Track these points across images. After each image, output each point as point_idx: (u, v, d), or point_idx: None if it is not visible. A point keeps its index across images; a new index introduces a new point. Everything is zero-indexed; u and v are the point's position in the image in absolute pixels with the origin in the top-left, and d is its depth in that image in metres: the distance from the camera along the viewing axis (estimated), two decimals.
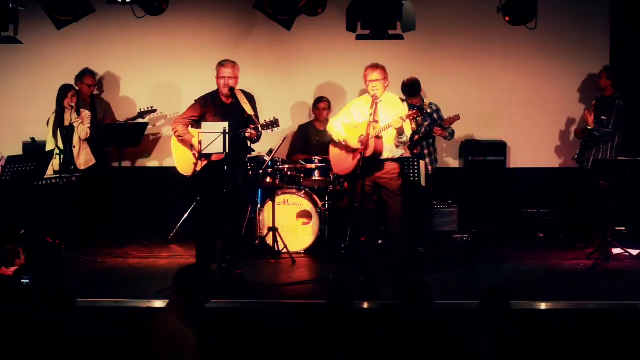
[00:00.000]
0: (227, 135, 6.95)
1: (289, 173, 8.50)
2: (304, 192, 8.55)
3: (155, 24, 8.89)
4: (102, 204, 9.12)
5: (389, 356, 4.95)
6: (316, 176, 8.53)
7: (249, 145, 7.35)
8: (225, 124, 6.99)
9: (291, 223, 8.51)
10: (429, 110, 8.31)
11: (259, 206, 8.57)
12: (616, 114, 8.45)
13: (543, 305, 6.66)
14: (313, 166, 8.51)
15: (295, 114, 9.65)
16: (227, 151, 7.00)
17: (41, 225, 8.47)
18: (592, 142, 8.55)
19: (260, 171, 8.35)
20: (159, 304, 6.39)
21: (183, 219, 9.01)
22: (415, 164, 7.73)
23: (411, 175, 7.69)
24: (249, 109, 7.27)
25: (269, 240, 8.34)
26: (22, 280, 5.69)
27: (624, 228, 8.89)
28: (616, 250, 8.19)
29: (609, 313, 6.54)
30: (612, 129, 8.43)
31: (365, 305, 6.60)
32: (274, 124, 7.26)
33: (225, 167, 7.11)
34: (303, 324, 5.51)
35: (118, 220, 9.08)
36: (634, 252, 8.19)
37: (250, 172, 8.05)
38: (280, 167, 8.47)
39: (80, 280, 6.95)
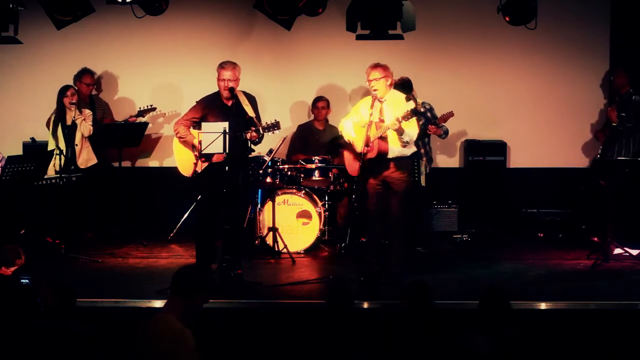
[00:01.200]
0: (227, 136, 6.95)
1: (289, 173, 8.50)
2: (304, 192, 8.54)
3: (155, 24, 8.87)
4: (104, 203, 9.13)
5: (390, 356, 4.96)
6: (316, 176, 8.53)
7: (249, 146, 7.35)
8: (225, 124, 6.99)
9: (291, 223, 8.50)
10: (422, 110, 8.30)
11: (259, 206, 8.57)
12: (634, 109, 8.48)
13: (543, 305, 6.65)
14: (313, 166, 8.51)
15: (295, 114, 9.64)
16: (227, 151, 7.00)
17: (41, 225, 8.48)
18: (615, 139, 8.55)
19: (260, 171, 8.34)
20: (159, 304, 6.37)
21: (183, 219, 9.01)
22: (416, 164, 7.73)
23: (412, 175, 7.69)
24: (250, 111, 7.26)
25: (269, 240, 8.34)
26: (22, 280, 5.68)
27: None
28: (616, 250, 8.19)
29: (609, 313, 6.54)
30: (633, 124, 8.45)
31: (365, 305, 6.60)
32: (276, 126, 7.26)
33: (226, 167, 7.11)
34: (303, 324, 5.51)
35: (118, 220, 9.08)
36: (634, 252, 8.18)
37: (250, 172, 8.05)
38: (280, 167, 8.47)
39: (80, 280, 6.93)
